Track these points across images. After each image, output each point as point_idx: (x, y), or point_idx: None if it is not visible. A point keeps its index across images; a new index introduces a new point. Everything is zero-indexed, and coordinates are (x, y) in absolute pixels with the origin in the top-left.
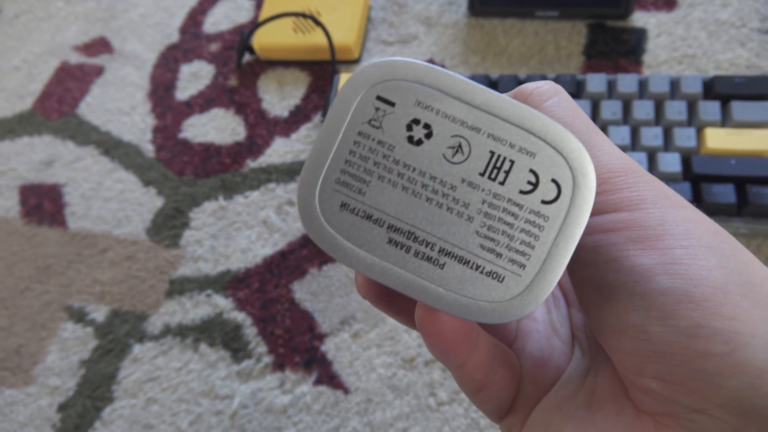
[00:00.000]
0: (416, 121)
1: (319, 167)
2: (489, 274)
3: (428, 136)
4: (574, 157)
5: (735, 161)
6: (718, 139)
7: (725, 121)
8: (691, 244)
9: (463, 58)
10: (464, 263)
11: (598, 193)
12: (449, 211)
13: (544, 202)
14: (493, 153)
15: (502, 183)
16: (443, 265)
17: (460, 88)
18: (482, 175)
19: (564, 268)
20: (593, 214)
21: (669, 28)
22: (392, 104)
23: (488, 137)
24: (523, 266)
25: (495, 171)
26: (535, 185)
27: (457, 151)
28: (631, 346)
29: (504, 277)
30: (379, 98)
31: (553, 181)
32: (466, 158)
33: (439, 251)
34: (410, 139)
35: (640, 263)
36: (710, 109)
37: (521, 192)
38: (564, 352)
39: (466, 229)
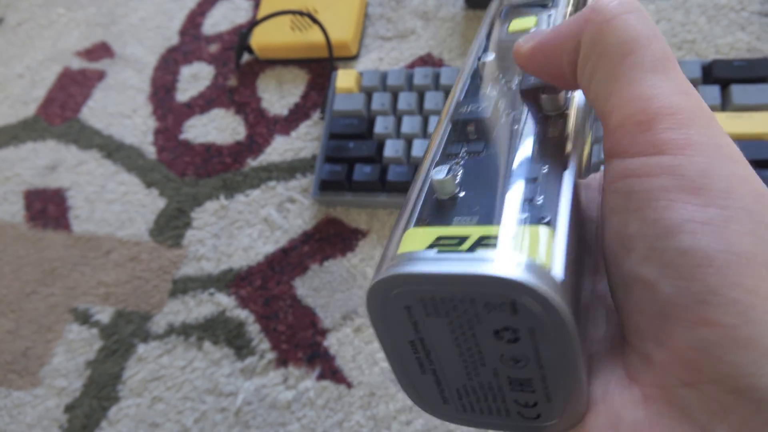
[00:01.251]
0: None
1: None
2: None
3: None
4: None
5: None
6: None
7: (725, 105)
8: (728, 204)
9: (461, 51)
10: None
11: (642, 131)
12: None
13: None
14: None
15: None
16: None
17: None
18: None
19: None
20: (632, 155)
21: (668, 14)
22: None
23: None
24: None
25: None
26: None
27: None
28: (637, 302)
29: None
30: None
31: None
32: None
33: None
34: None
35: (668, 217)
36: (710, 93)
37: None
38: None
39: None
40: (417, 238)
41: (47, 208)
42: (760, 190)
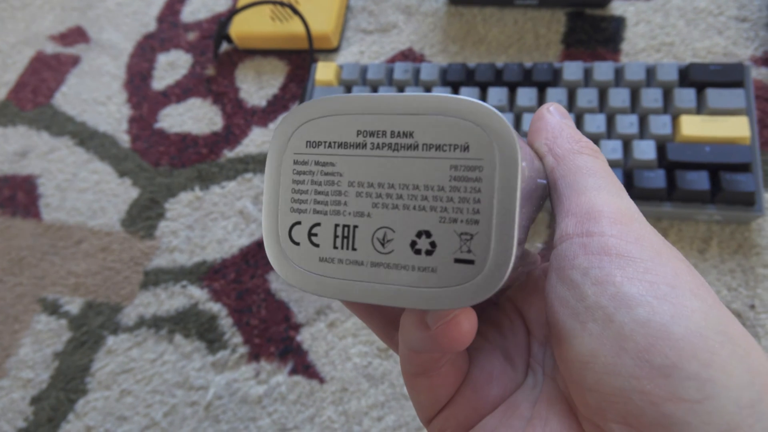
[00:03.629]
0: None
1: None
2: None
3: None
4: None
5: (709, 148)
6: (693, 127)
7: (700, 108)
8: (678, 284)
9: (443, 47)
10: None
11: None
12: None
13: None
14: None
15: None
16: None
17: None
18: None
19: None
20: (589, 234)
21: (647, 17)
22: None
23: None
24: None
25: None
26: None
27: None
28: (596, 380)
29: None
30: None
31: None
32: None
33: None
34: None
35: (626, 291)
36: (685, 96)
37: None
38: (513, 378)
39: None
40: None
41: (16, 195)
42: (701, 280)
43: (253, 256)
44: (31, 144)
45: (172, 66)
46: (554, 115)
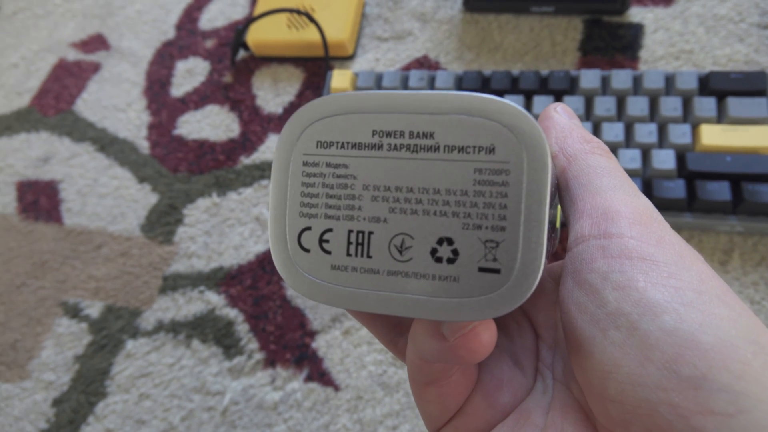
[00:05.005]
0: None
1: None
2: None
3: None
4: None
5: (730, 158)
6: (714, 136)
7: (721, 117)
8: (704, 290)
9: (458, 54)
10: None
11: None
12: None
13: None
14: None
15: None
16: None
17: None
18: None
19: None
20: (607, 236)
21: (666, 23)
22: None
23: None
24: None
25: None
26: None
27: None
28: (619, 390)
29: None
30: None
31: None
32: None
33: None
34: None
35: (650, 297)
36: (706, 105)
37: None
38: (523, 383)
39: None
40: None
41: (39, 200)
42: (726, 287)
43: (269, 262)
44: (54, 150)
45: (190, 73)
46: (562, 115)
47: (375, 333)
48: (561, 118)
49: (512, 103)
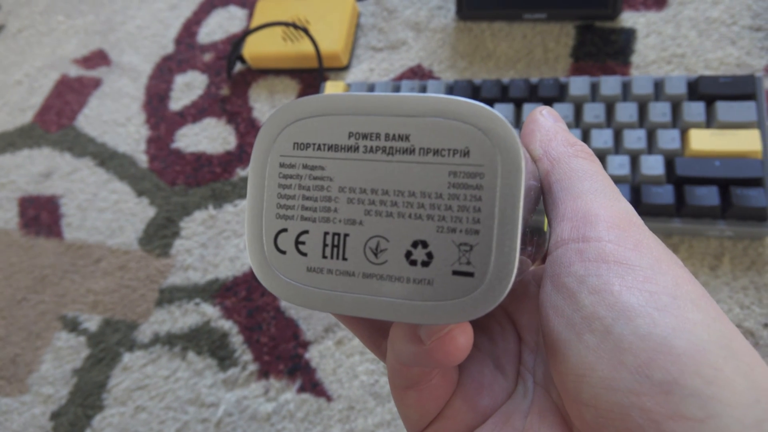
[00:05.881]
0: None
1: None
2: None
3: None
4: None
5: (719, 163)
6: (703, 141)
7: (710, 122)
8: (679, 294)
9: (451, 63)
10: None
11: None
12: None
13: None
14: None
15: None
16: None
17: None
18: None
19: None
20: (586, 240)
21: (658, 28)
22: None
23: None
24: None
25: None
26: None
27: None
28: (592, 394)
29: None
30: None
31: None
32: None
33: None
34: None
35: (625, 301)
36: (695, 110)
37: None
38: (504, 387)
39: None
40: None
41: (40, 215)
42: (702, 291)
43: None
44: (55, 165)
45: (188, 87)
46: (547, 118)
47: (358, 335)
48: (546, 121)
49: (486, 106)
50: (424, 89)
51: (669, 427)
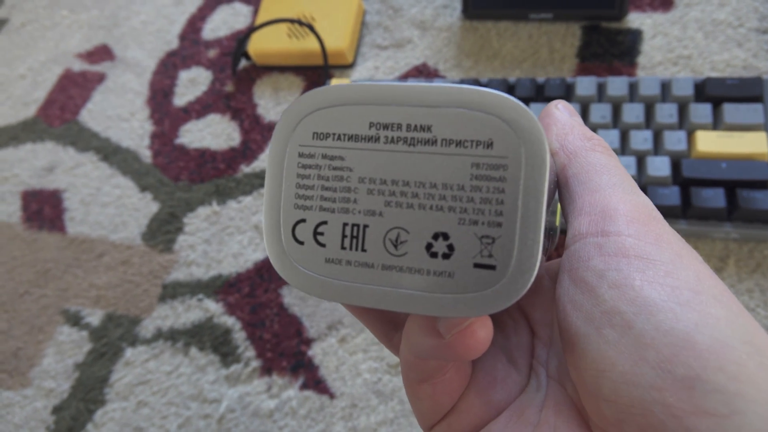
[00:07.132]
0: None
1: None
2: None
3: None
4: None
5: (726, 165)
6: (709, 142)
7: (717, 123)
8: (701, 290)
9: (457, 62)
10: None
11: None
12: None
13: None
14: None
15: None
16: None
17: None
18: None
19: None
20: (605, 234)
21: (665, 29)
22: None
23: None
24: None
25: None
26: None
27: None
28: (612, 389)
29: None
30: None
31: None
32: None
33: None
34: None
35: (646, 295)
36: (701, 111)
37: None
38: (517, 381)
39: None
40: None
41: (43, 209)
42: (723, 286)
43: (267, 270)
44: (58, 159)
45: (192, 83)
46: (563, 112)
47: (370, 327)
48: (562, 115)
49: (512, 97)
50: None
51: (692, 423)
